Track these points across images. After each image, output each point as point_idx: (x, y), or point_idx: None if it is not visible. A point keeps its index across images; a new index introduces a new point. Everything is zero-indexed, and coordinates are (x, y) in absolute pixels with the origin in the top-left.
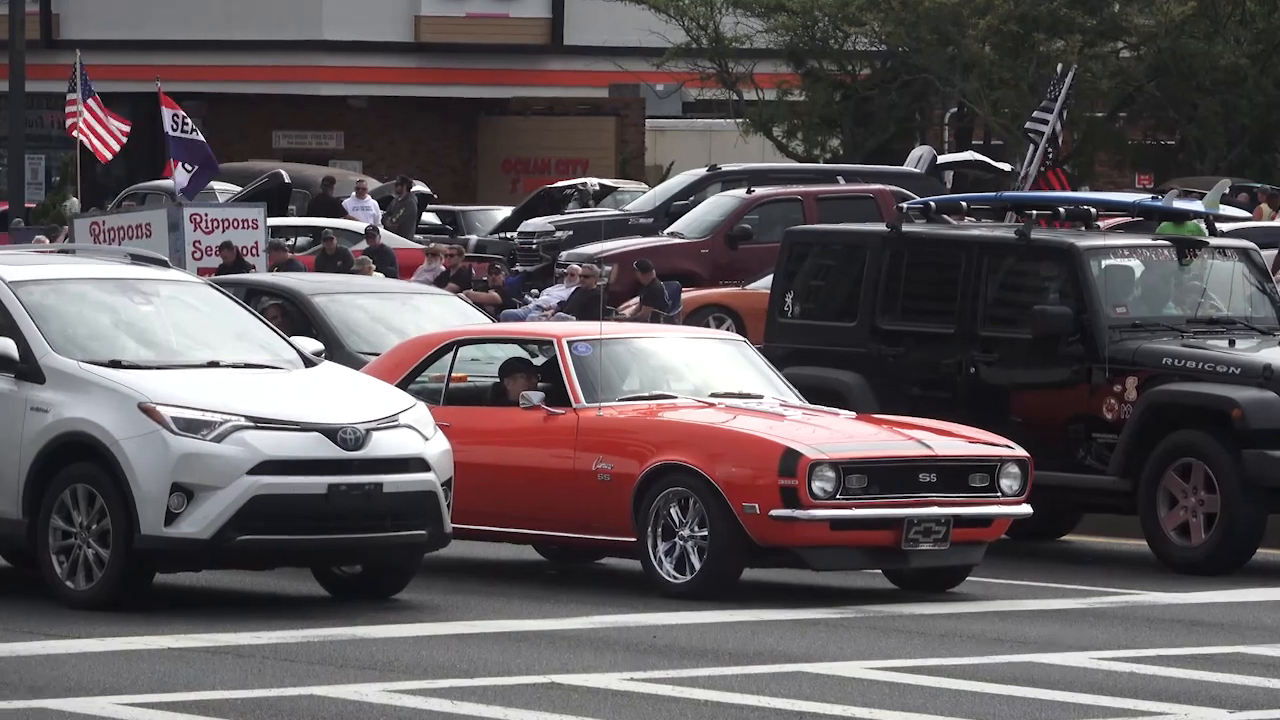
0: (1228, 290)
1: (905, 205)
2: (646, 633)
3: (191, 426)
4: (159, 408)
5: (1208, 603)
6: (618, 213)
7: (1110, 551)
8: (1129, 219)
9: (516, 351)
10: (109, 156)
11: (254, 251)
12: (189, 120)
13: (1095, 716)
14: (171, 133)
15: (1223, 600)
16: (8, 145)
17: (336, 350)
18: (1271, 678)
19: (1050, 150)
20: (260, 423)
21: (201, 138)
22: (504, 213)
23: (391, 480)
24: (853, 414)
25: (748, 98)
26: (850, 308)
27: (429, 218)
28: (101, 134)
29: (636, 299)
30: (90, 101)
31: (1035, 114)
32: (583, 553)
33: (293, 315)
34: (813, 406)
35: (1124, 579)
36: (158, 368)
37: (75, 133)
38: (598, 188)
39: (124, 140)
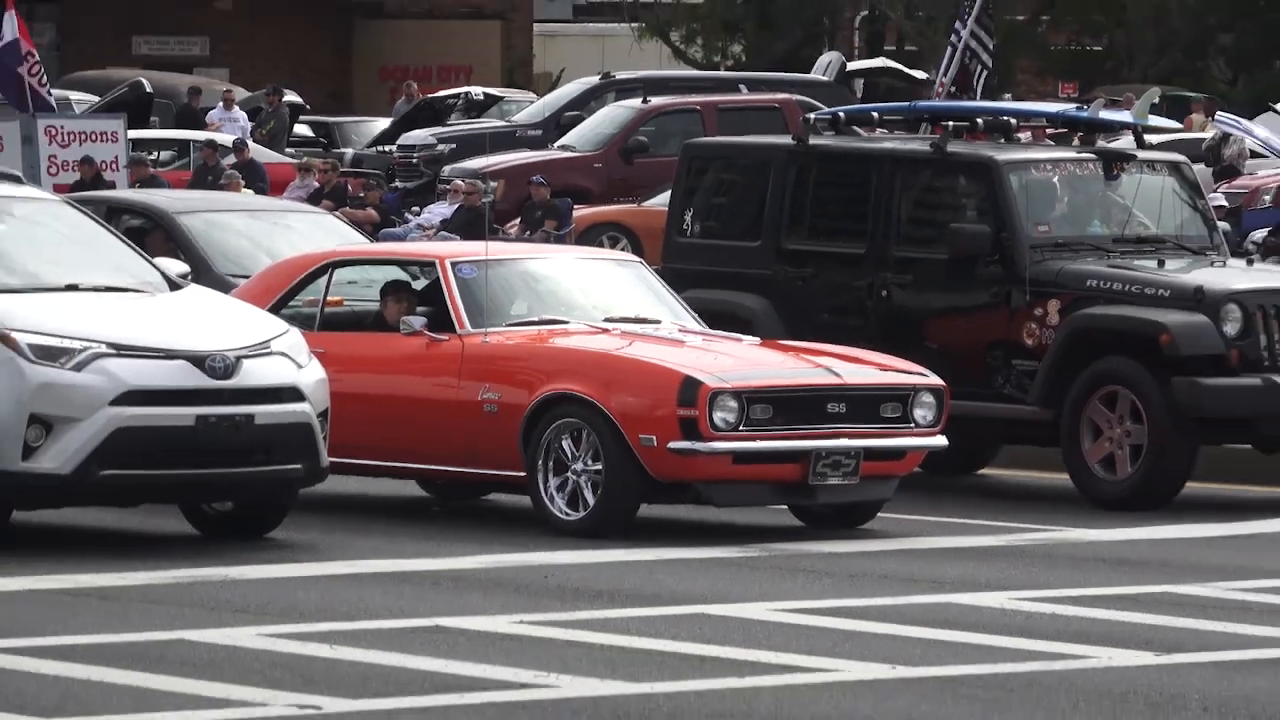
0: (1157, 207)
1: (812, 116)
2: (538, 573)
3: (49, 354)
4: (14, 334)
5: (1133, 539)
6: (504, 124)
7: (1030, 486)
8: (1051, 130)
9: (396, 273)
10: None
11: (114, 167)
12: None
13: (1015, 660)
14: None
15: (1149, 537)
16: None
17: (204, 273)
18: (1200, 619)
19: (979, 67)
20: (123, 350)
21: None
22: (382, 124)
23: (263, 411)
24: (757, 340)
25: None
26: (754, 226)
27: (301, 130)
28: None
29: (518, 219)
30: None
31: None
32: (469, 488)
33: (157, 235)
34: (714, 332)
35: (1045, 515)
36: (12, 291)
37: None
38: (482, 97)
39: None
